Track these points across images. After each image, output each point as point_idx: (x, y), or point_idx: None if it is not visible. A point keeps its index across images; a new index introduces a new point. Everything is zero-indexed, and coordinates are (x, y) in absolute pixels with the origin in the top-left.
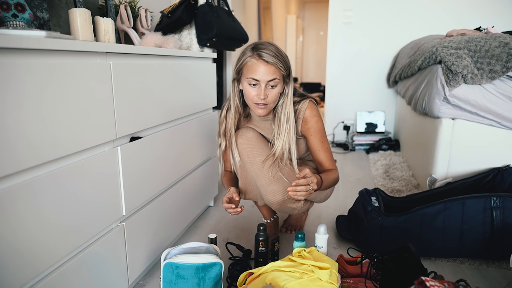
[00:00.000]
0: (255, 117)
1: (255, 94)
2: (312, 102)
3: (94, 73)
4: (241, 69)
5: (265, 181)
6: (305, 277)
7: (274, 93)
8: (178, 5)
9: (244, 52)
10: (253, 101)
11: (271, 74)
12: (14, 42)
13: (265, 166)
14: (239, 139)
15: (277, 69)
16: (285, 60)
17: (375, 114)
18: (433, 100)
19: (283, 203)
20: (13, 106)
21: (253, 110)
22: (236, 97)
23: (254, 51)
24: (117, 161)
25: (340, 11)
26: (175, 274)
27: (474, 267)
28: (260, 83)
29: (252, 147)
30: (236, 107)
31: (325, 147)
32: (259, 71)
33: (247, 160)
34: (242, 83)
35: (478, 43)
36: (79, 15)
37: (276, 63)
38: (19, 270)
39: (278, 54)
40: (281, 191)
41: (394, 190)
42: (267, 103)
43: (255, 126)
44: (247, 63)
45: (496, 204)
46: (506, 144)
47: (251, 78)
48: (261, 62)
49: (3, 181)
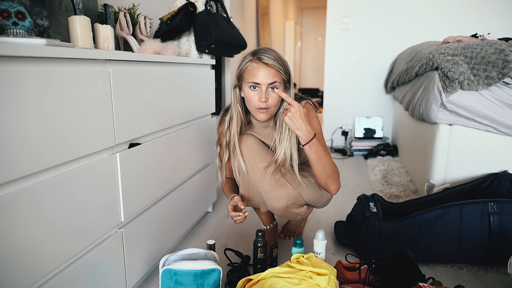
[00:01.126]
0: (256, 124)
1: (256, 98)
2: (309, 103)
3: (94, 80)
4: (241, 74)
5: (267, 187)
6: (303, 283)
7: (275, 96)
8: (177, 12)
9: (245, 58)
10: (255, 106)
11: (271, 76)
12: (14, 50)
13: (267, 172)
14: (240, 146)
15: (277, 72)
16: (285, 64)
17: (373, 119)
18: (430, 106)
19: (286, 209)
20: (14, 113)
21: (255, 116)
22: (238, 105)
23: (254, 55)
24: (116, 168)
25: (338, 17)
26: (173, 280)
27: (472, 273)
28: (261, 86)
29: (254, 153)
30: (238, 115)
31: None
32: (260, 74)
33: (249, 167)
34: (243, 88)
35: (474, 50)
36: (78, 22)
37: (276, 66)
38: (20, 274)
39: (278, 58)
40: (285, 197)
41: (392, 195)
42: (268, 107)
43: (256, 133)
44: (247, 68)
45: (493, 209)
46: (503, 150)
47: (252, 82)
48: (262, 65)
49: (4, 187)
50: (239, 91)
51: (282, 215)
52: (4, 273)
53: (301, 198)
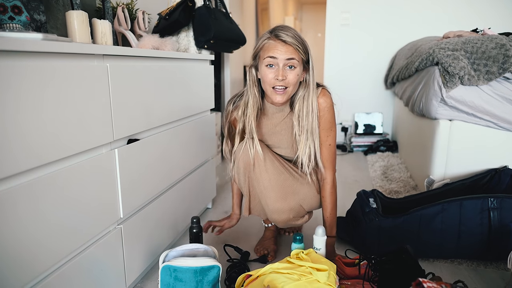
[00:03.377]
0: (269, 108)
1: (272, 76)
2: (326, 89)
3: (91, 75)
4: (258, 52)
5: (270, 200)
6: (303, 279)
7: (293, 75)
8: (176, 7)
9: (262, 36)
10: (271, 84)
11: (289, 53)
12: (10, 45)
13: (271, 182)
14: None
15: (296, 50)
16: (304, 43)
17: (373, 115)
18: (430, 101)
19: (288, 222)
20: (11, 108)
21: (271, 97)
22: (254, 86)
23: (271, 33)
24: (115, 163)
25: (338, 13)
26: (173, 277)
27: (472, 268)
28: (278, 62)
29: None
30: (255, 97)
31: (327, 144)
32: (277, 50)
33: (254, 177)
34: (260, 68)
35: (475, 45)
36: (76, 17)
37: (294, 44)
38: (19, 271)
39: (297, 35)
40: (286, 211)
41: (392, 191)
42: (286, 86)
43: (267, 118)
44: (264, 45)
45: (493, 205)
46: (503, 145)
47: (268, 57)
48: (279, 42)
49: (1, 183)
50: (255, 72)
51: (283, 226)
52: (2, 270)
53: (302, 209)
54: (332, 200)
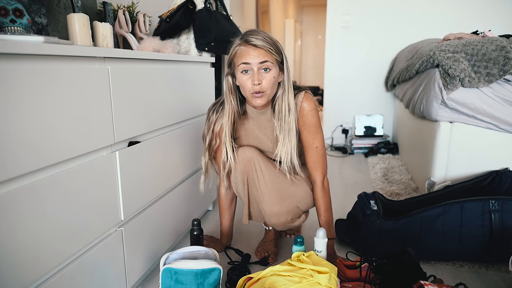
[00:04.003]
0: (251, 112)
1: (249, 82)
2: (309, 93)
3: (92, 78)
4: (232, 60)
5: (266, 204)
6: (304, 281)
7: (269, 78)
8: (177, 10)
9: (233, 43)
10: (249, 90)
11: (261, 56)
12: (12, 48)
13: (268, 187)
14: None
15: (268, 52)
16: (276, 44)
17: (374, 117)
18: (431, 103)
19: (286, 224)
20: (13, 111)
21: (251, 102)
22: (229, 94)
23: (241, 39)
24: (115, 166)
25: (338, 15)
26: (173, 279)
27: (474, 271)
28: (252, 67)
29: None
30: (230, 105)
31: (314, 146)
32: (249, 55)
33: (252, 183)
34: (236, 74)
35: (475, 47)
36: (77, 20)
37: (266, 46)
38: (20, 272)
39: (268, 38)
40: (284, 213)
41: (393, 193)
42: (263, 90)
43: (252, 122)
44: (236, 52)
45: (494, 207)
46: (504, 147)
47: (242, 64)
48: (250, 47)
49: (4, 185)
50: (232, 80)
51: (282, 229)
52: (4, 272)
53: (299, 210)
54: (324, 202)
